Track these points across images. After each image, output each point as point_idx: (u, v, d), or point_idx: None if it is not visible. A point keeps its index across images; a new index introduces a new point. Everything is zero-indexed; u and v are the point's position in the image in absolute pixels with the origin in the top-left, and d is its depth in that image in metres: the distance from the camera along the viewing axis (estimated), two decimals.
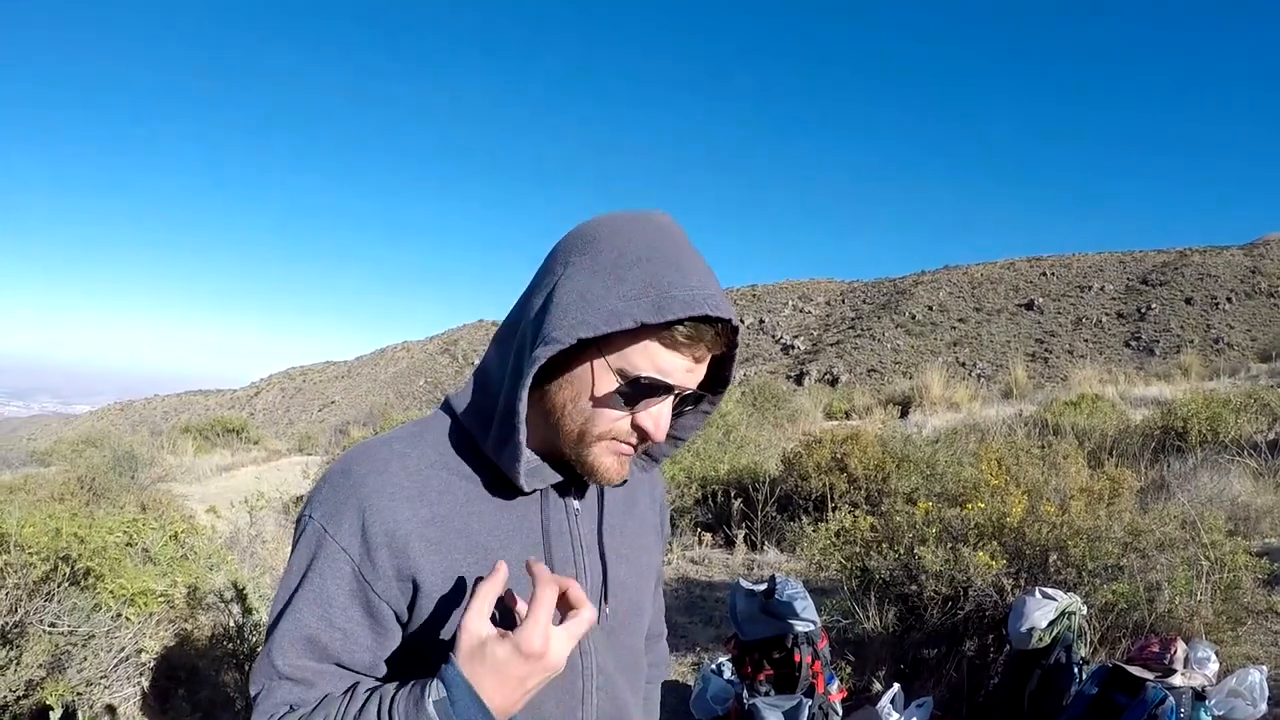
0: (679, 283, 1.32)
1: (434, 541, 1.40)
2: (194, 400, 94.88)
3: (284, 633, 1.38)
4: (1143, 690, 4.12)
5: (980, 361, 53.96)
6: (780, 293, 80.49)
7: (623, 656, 1.64)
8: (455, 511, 1.43)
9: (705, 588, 8.24)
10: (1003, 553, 5.21)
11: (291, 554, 1.43)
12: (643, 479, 1.74)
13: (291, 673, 1.38)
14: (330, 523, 1.39)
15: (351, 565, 1.37)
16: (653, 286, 1.32)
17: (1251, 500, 7.88)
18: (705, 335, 1.35)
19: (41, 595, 4.65)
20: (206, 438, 26.39)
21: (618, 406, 1.39)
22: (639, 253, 1.36)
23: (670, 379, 1.37)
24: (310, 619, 1.38)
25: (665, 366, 1.36)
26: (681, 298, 1.30)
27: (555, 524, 1.51)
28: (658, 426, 1.40)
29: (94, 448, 19.64)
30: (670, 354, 1.36)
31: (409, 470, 1.43)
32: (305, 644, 1.38)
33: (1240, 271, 57.63)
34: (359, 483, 1.40)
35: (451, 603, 1.41)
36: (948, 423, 15.10)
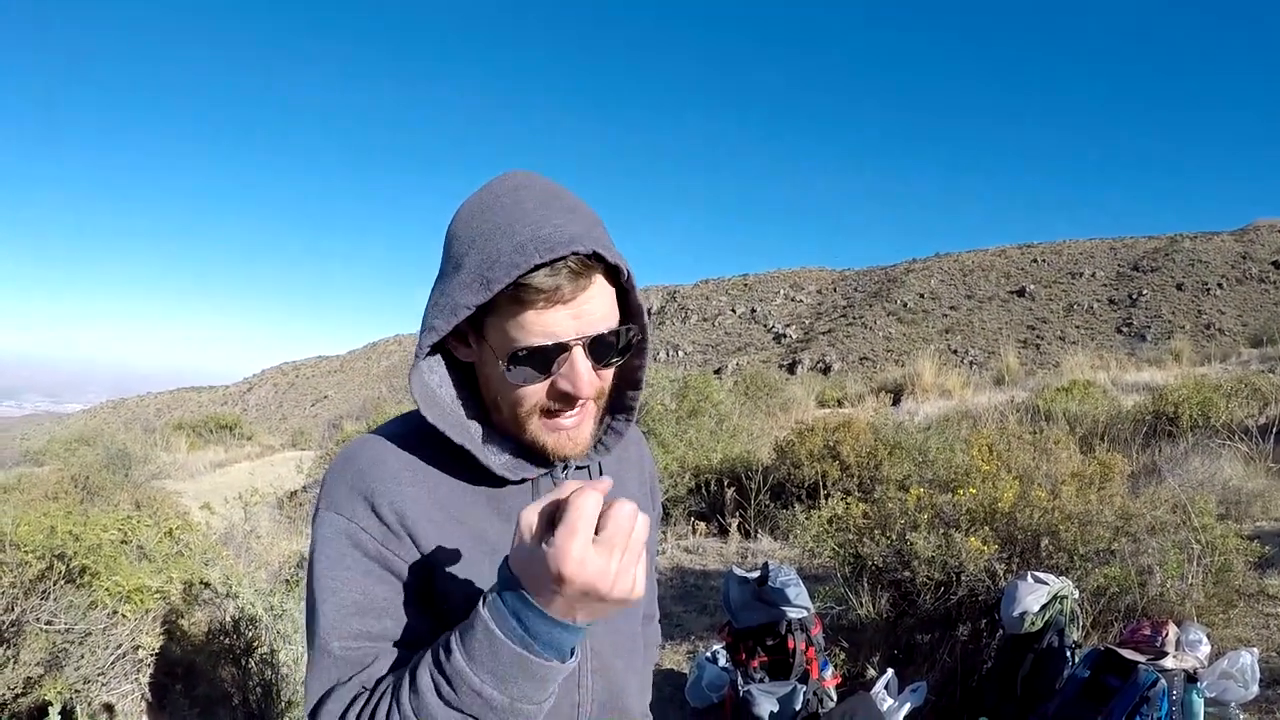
0: (505, 245, 1.30)
1: (438, 523, 1.42)
2: (187, 397, 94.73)
3: (330, 618, 1.38)
4: (1135, 673, 4.14)
5: (972, 348, 54.02)
6: (772, 282, 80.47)
7: (619, 640, 1.66)
8: (451, 500, 1.45)
9: (699, 576, 8.26)
10: (995, 538, 5.23)
11: (314, 549, 1.43)
12: (630, 460, 1.75)
13: (349, 653, 1.37)
14: (343, 507, 1.41)
15: (375, 542, 1.39)
16: (483, 263, 1.31)
17: (1242, 484, 7.89)
18: (558, 278, 1.31)
19: (38, 593, 4.66)
20: (200, 434, 26.35)
21: (530, 380, 1.38)
22: (474, 233, 1.36)
23: (557, 336, 1.34)
24: (351, 595, 1.39)
25: (542, 326, 1.33)
26: (506, 261, 1.29)
27: None
28: (576, 385, 1.38)
29: (87, 446, 19.60)
30: (538, 314, 1.33)
31: (405, 461, 1.45)
32: (355, 620, 1.38)
33: (1231, 257, 57.72)
34: (363, 472, 1.42)
35: (457, 584, 1.42)
36: (940, 410, 15.11)
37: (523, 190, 1.39)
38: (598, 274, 1.37)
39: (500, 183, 1.43)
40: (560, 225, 1.32)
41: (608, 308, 1.40)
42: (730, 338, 70.50)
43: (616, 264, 1.38)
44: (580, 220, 1.35)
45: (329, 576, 1.40)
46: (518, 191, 1.39)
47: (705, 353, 66.71)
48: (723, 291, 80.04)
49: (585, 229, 1.34)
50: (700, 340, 70.67)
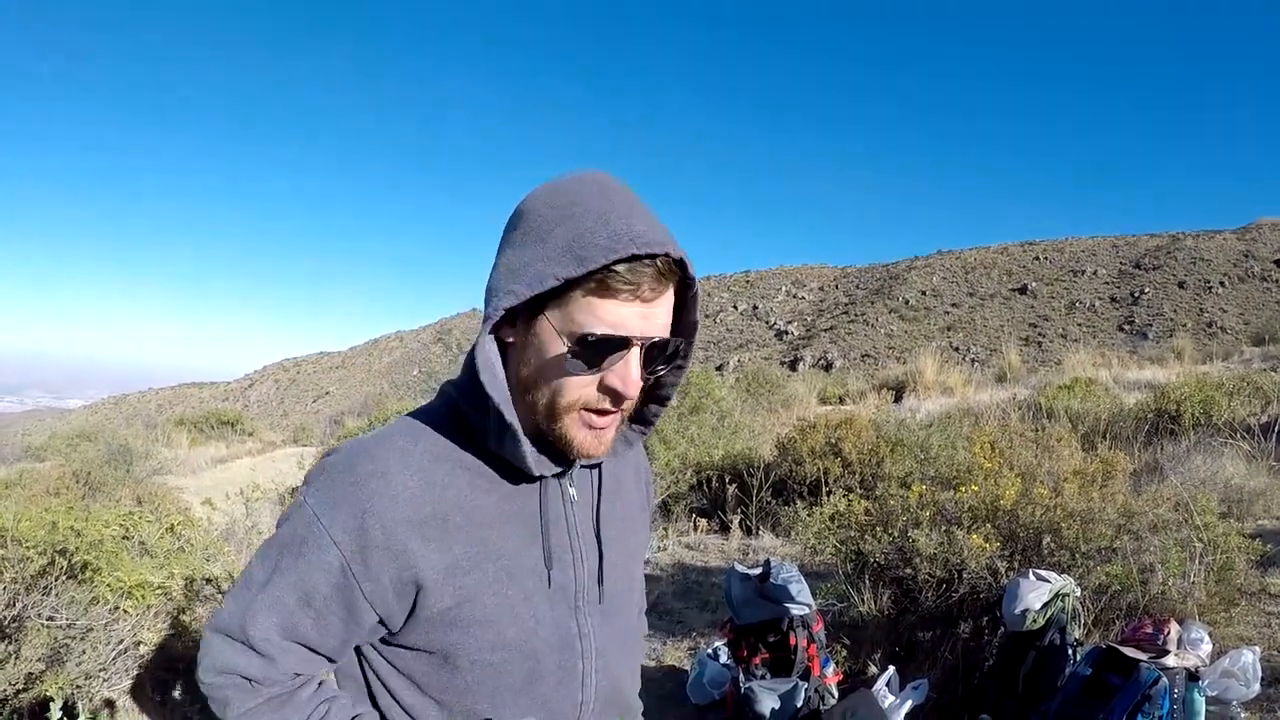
0: (600, 230, 1.30)
1: (433, 539, 1.40)
2: (188, 393, 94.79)
3: (260, 606, 1.41)
4: (1136, 671, 4.14)
5: (974, 346, 54.01)
6: (774, 278, 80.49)
7: (619, 636, 1.67)
8: (457, 505, 1.44)
9: (701, 573, 8.26)
10: (996, 535, 5.23)
11: (279, 529, 1.44)
12: (628, 458, 1.73)
13: (259, 645, 1.41)
14: (325, 515, 1.39)
15: (341, 560, 1.38)
16: (575, 241, 1.30)
17: (1244, 483, 7.89)
18: (643, 275, 1.31)
19: (39, 589, 4.66)
20: (201, 430, 26.36)
21: (580, 371, 1.37)
22: (563, 212, 1.35)
23: (623, 330, 1.34)
24: (289, 600, 1.40)
25: (614, 319, 1.33)
26: (603, 244, 1.28)
27: (553, 512, 1.52)
28: (626, 383, 1.37)
29: (88, 442, 19.60)
30: (613, 304, 1.33)
31: (411, 468, 1.43)
32: (279, 620, 1.41)
33: (1233, 255, 57.67)
34: (361, 483, 1.40)
35: (451, 598, 1.42)
36: (941, 407, 15.10)
37: (611, 187, 1.39)
38: (673, 283, 1.39)
39: (587, 174, 1.43)
40: (653, 227, 1.33)
41: (669, 317, 1.42)
42: (732, 334, 70.52)
43: (692, 277, 1.41)
44: (665, 229, 1.36)
45: (278, 568, 1.42)
46: (607, 186, 1.39)
47: (707, 349, 66.69)
48: (724, 288, 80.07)
49: (672, 239, 1.35)
50: (702, 337, 70.16)
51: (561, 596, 1.52)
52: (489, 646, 1.45)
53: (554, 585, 1.51)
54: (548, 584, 1.50)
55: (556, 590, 1.51)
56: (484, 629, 1.44)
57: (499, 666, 1.46)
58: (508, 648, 1.46)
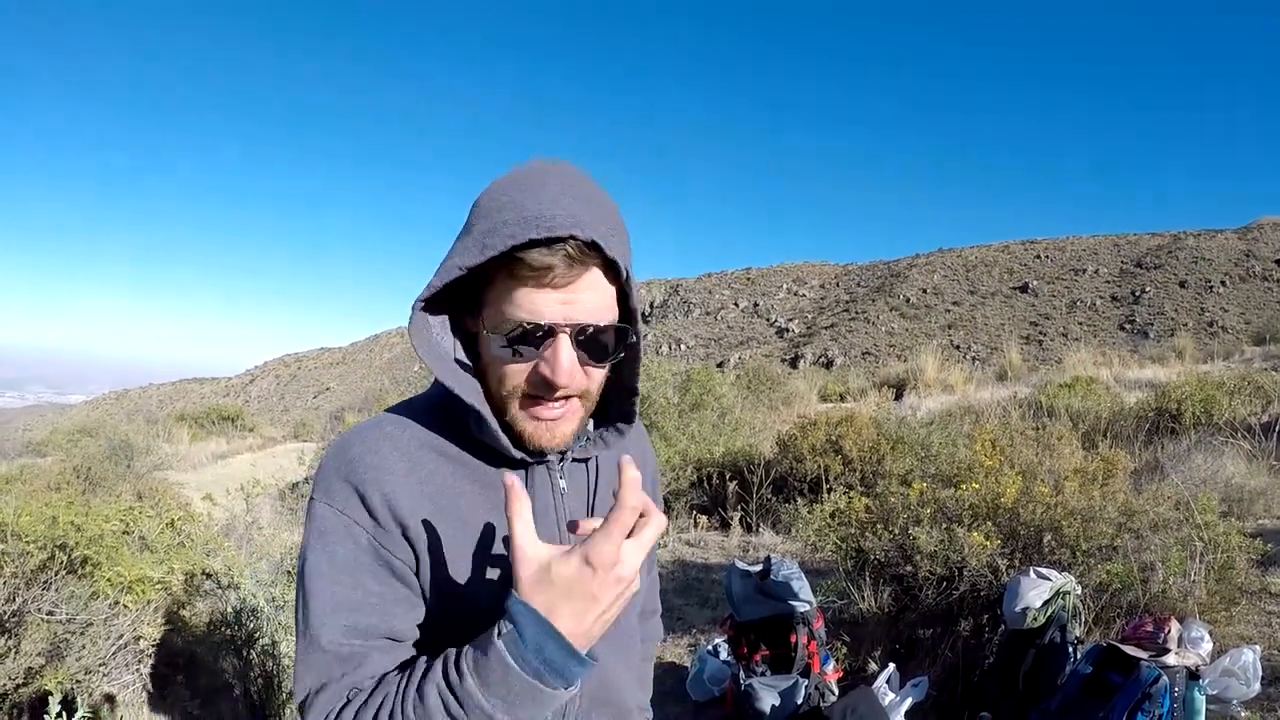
0: (511, 217, 1.30)
1: (425, 516, 1.41)
2: (189, 388, 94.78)
3: (322, 612, 1.38)
4: (1137, 669, 4.14)
5: (975, 344, 53.96)
6: (775, 276, 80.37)
7: (614, 635, 1.63)
8: (444, 490, 1.44)
9: (701, 570, 8.26)
10: (997, 533, 5.23)
11: (306, 539, 1.43)
12: (631, 452, 1.70)
13: (339, 649, 1.37)
14: (335, 499, 1.40)
15: (368, 536, 1.39)
16: (488, 230, 1.31)
17: (1245, 482, 7.90)
18: (553, 258, 1.30)
19: (39, 584, 4.66)
20: (202, 425, 26.40)
21: (509, 359, 1.38)
22: (491, 204, 1.35)
23: (543, 318, 1.33)
24: (343, 590, 1.38)
25: (531, 305, 1.33)
26: (507, 231, 1.28)
27: (540, 502, 1.51)
28: (555, 371, 1.36)
29: (89, 437, 19.64)
30: (526, 290, 1.33)
31: (400, 450, 1.44)
32: (346, 615, 1.38)
33: (1234, 255, 57.60)
34: (355, 462, 1.41)
35: (449, 577, 1.42)
36: (942, 405, 15.11)
37: (549, 174, 1.39)
38: (595, 266, 1.36)
39: (532, 164, 1.43)
40: (571, 210, 1.31)
41: (603, 302, 1.39)
42: (733, 331, 70.43)
43: (615, 260, 1.36)
44: (594, 211, 1.34)
45: (320, 568, 1.39)
46: (544, 174, 1.39)
47: (708, 346, 66.65)
48: (725, 285, 79.97)
49: (595, 219, 1.33)
50: (703, 334, 70.59)
51: None
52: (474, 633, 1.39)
53: None
54: None
55: None
56: (469, 615, 1.42)
57: None
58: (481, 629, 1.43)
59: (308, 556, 1.41)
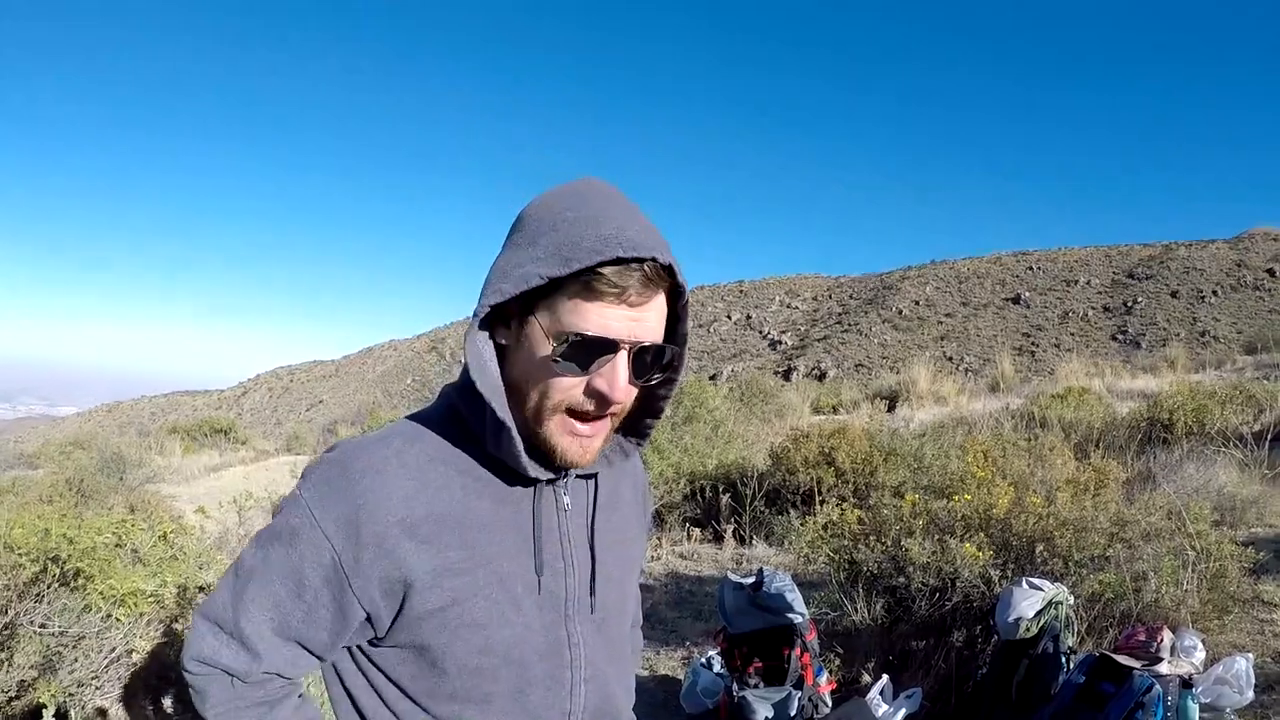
0: (589, 233, 1.31)
1: (426, 539, 1.40)
2: (181, 401, 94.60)
3: (251, 595, 1.43)
4: (1130, 679, 4.15)
5: (967, 355, 54.04)
6: (767, 288, 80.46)
7: (611, 648, 1.66)
8: (451, 508, 1.44)
9: (694, 582, 8.26)
10: (989, 544, 5.24)
11: (275, 521, 1.45)
12: (626, 470, 1.74)
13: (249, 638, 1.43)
14: (319, 509, 1.39)
15: (332, 554, 1.39)
16: (564, 243, 1.32)
17: (1237, 491, 7.92)
18: (629, 279, 1.32)
19: (31, 596, 4.65)
20: (194, 438, 26.32)
21: (567, 372, 1.37)
22: (558, 217, 1.36)
23: (610, 333, 1.34)
24: (280, 590, 1.41)
25: (601, 321, 1.34)
26: (590, 246, 1.30)
27: (546, 520, 1.52)
28: (613, 387, 1.37)
29: (82, 449, 19.59)
30: (600, 305, 1.34)
31: (407, 468, 1.43)
32: (270, 613, 1.42)
33: (1226, 265, 57.79)
34: (355, 480, 1.40)
35: (440, 599, 1.42)
36: (935, 416, 15.15)
37: (611, 195, 1.42)
38: (663, 289, 1.39)
39: (587, 182, 1.45)
40: (644, 232, 1.34)
41: (660, 324, 1.42)
42: (725, 344, 70.46)
43: (682, 285, 1.41)
44: (658, 236, 1.37)
45: (270, 559, 1.43)
46: (608, 194, 1.41)
47: (700, 359, 66.68)
48: (718, 298, 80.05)
49: (663, 245, 1.36)
50: (695, 347, 70.61)
51: (552, 604, 1.52)
52: (477, 650, 1.44)
53: (544, 592, 1.51)
54: (538, 591, 1.50)
55: (547, 597, 1.51)
56: (472, 632, 1.43)
57: (487, 672, 1.46)
58: (495, 653, 1.46)
59: (268, 538, 1.44)
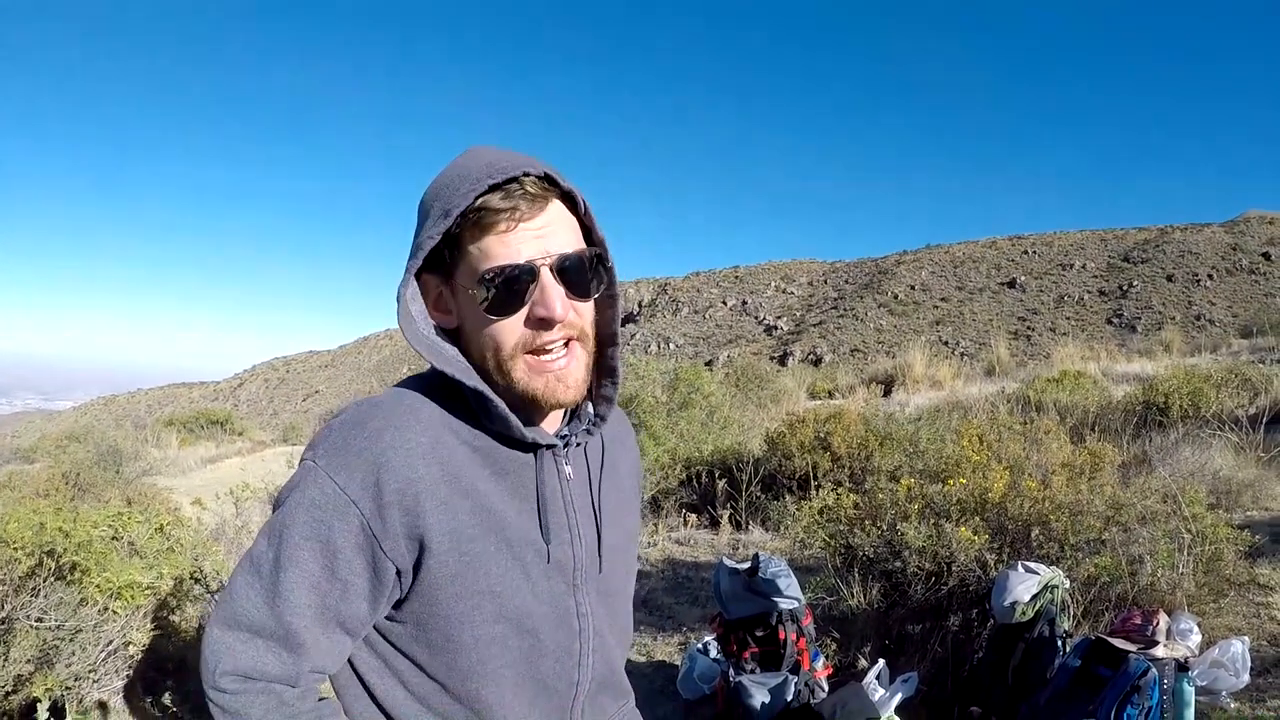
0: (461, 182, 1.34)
1: (443, 500, 1.39)
2: (177, 393, 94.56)
3: (286, 585, 1.37)
4: (1125, 662, 4.15)
5: (963, 340, 54.10)
6: (763, 274, 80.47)
7: (615, 619, 1.68)
8: (461, 472, 1.43)
9: (691, 568, 8.26)
10: (985, 528, 5.24)
11: (289, 502, 1.40)
12: (625, 444, 1.76)
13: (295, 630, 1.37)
14: (339, 473, 1.36)
15: (360, 519, 1.36)
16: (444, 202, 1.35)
17: (1233, 474, 7.93)
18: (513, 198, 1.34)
19: (28, 590, 4.65)
20: (191, 430, 26.31)
21: (502, 313, 1.39)
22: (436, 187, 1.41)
23: (521, 257, 1.36)
24: (315, 568, 1.37)
25: (506, 249, 1.36)
26: (465, 190, 1.33)
27: (549, 489, 1.52)
28: (549, 307, 1.38)
29: (78, 443, 19.58)
30: (499, 236, 1.36)
31: (424, 425, 1.42)
32: (309, 597, 1.37)
33: (1221, 248, 57.87)
34: (375, 437, 1.38)
35: (456, 564, 1.41)
36: (931, 401, 15.15)
37: (480, 148, 1.43)
38: (555, 199, 1.41)
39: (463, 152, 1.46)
40: (509, 157, 1.37)
41: (570, 234, 1.43)
42: (721, 330, 70.50)
43: (570, 191, 1.41)
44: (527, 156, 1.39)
45: (304, 539, 1.37)
46: (475, 149, 1.43)
47: (696, 345, 66.73)
48: (714, 284, 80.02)
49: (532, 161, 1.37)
50: (691, 332, 70.66)
51: (560, 573, 1.52)
52: (492, 617, 1.44)
53: (552, 561, 1.51)
54: (546, 559, 1.49)
55: (554, 566, 1.51)
56: (488, 600, 1.43)
57: (501, 641, 1.45)
58: (509, 620, 1.45)
59: (292, 526, 1.38)
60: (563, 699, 1.56)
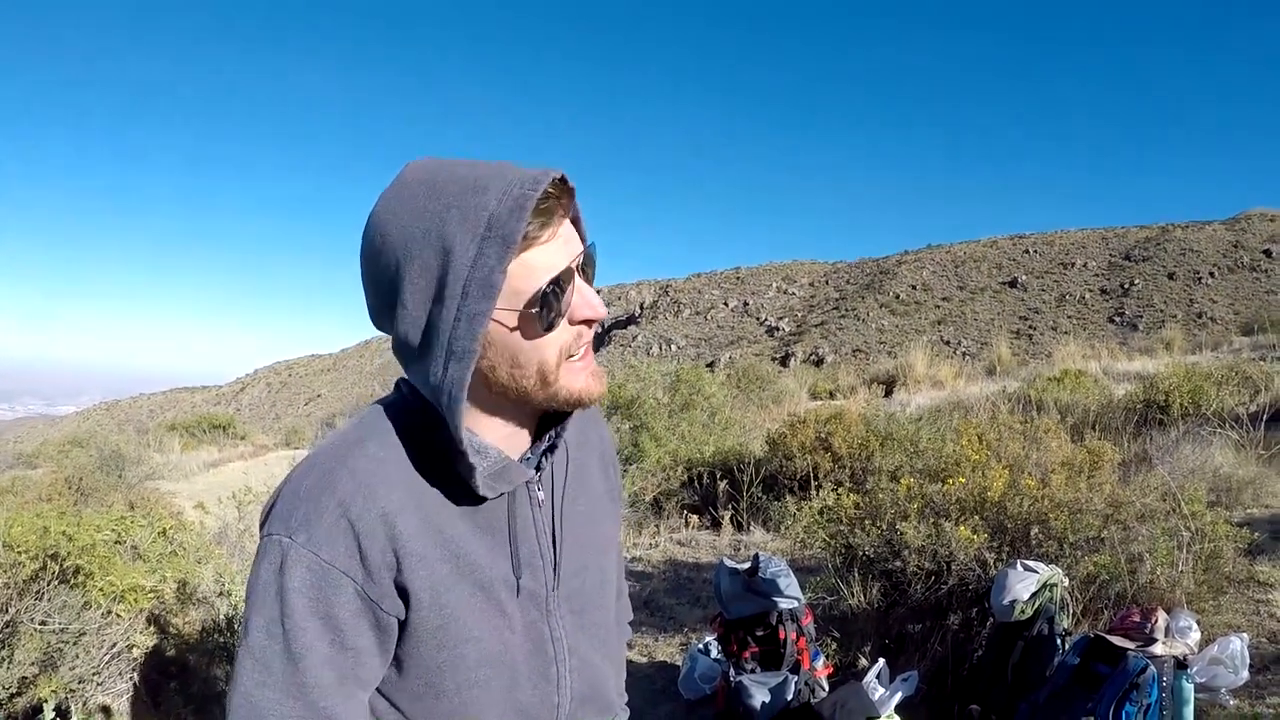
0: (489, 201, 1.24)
1: (418, 554, 1.34)
2: (180, 397, 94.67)
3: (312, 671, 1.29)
4: (1124, 660, 4.16)
5: (964, 339, 54.07)
6: (764, 274, 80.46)
7: (595, 634, 1.64)
8: (431, 519, 1.37)
9: (692, 569, 8.28)
10: (985, 527, 5.25)
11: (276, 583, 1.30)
12: (591, 442, 1.70)
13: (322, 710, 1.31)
14: (323, 548, 1.28)
15: (355, 587, 1.30)
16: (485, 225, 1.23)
17: (1233, 472, 7.93)
18: (551, 210, 1.27)
19: (32, 594, 4.67)
20: (193, 434, 26.31)
21: (553, 325, 1.32)
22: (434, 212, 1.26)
23: (561, 264, 1.30)
24: (323, 646, 1.30)
25: (548, 259, 1.29)
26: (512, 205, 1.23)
27: (521, 520, 1.47)
28: (593, 306, 1.35)
29: (80, 448, 19.59)
30: (542, 248, 1.28)
31: (390, 478, 1.35)
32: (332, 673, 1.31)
33: (1222, 246, 57.82)
34: (347, 499, 1.30)
35: (436, 618, 1.37)
36: (932, 400, 15.15)
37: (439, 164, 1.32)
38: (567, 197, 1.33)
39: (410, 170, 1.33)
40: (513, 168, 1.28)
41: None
42: (723, 331, 70.46)
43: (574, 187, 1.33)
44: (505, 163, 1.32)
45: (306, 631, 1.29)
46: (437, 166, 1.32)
47: (698, 346, 66.70)
48: (715, 285, 80.00)
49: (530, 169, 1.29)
50: (693, 334, 70.63)
51: (532, 603, 1.49)
52: (474, 663, 1.41)
53: (524, 592, 1.47)
54: (517, 593, 1.46)
55: (526, 597, 1.48)
56: (469, 646, 1.40)
57: (484, 683, 1.43)
58: (490, 663, 1.43)
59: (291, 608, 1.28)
60: None
